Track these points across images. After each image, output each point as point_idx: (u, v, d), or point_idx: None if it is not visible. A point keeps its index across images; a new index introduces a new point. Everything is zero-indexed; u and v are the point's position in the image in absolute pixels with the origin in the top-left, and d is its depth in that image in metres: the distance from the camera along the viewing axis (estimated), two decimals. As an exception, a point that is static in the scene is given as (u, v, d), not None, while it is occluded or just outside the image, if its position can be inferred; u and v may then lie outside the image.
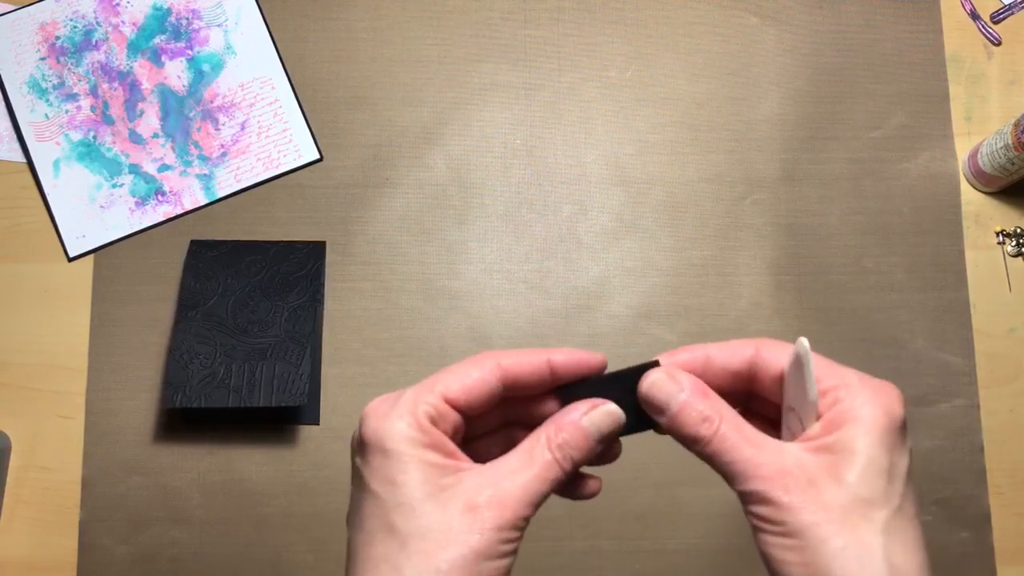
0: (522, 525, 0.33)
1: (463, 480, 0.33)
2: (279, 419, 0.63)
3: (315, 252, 0.61)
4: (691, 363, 0.36)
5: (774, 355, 0.36)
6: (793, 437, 0.35)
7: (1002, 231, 0.68)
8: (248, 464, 0.63)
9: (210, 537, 0.62)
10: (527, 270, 0.66)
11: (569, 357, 0.37)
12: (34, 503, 0.63)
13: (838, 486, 0.32)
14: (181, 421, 0.64)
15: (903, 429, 0.33)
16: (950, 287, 0.67)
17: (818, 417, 0.34)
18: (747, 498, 0.33)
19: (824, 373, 0.35)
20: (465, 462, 0.34)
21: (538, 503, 0.34)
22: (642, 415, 0.36)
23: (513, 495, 0.33)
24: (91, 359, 0.65)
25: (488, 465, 0.34)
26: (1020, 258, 0.67)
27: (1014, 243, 0.67)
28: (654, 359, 0.36)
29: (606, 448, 0.37)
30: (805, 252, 0.67)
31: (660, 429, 0.36)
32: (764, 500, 0.32)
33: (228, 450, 0.63)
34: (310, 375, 0.58)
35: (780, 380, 0.36)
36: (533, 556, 0.62)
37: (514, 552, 0.33)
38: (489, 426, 0.38)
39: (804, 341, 0.33)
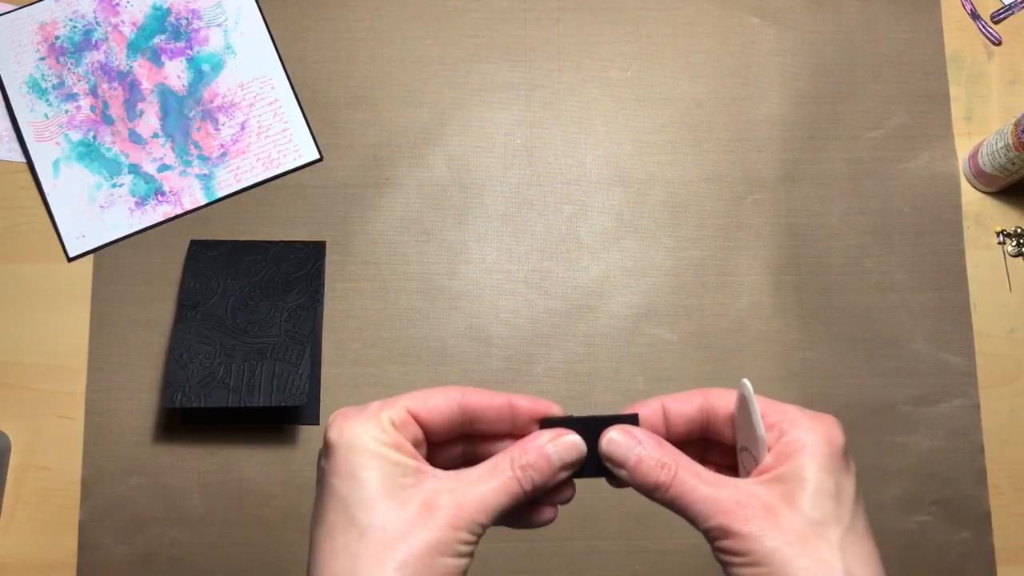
0: (478, 531, 0.35)
1: (423, 482, 0.35)
2: (279, 419, 0.63)
3: (315, 252, 0.60)
4: (652, 415, 0.39)
5: (722, 400, 0.39)
6: (748, 474, 0.37)
7: (1002, 231, 0.68)
8: (248, 464, 0.63)
9: (210, 537, 0.62)
10: (527, 270, 0.66)
11: (532, 404, 0.38)
12: (34, 503, 0.63)
13: (793, 512, 0.34)
14: (181, 421, 0.64)
15: (846, 454, 0.36)
16: (950, 287, 0.67)
17: (768, 450, 0.36)
18: (712, 534, 0.36)
19: (768, 410, 0.37)
20: (427, 467, 0.36)
21: (494, 514, 0.35)
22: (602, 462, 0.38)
23: (471, 500, 0.35)
24: (91, 359, 0.65)
25: (450, 472, 0.36)
26: (1020, 258, 0.67)
27: (1014, 243, 0.67)
28: (633, 412, 0.38)
29: (563, 484, 0.38)
30: (805, 252, 0.67)
31: (616, 481, 0.38)
32: (727, 534, 0.35)
33: (228, 450, 0.63)
34: (310, 375, 0.58)
35: (731, 422, 0.38)
36: (533, 556, 0.62)
37: (470, 555, 0.35)
38: (453, 460, 0.40)
39: (747, 383, 0.36)
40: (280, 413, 0.63)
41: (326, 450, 0.36)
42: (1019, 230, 0.68)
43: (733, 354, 0.65)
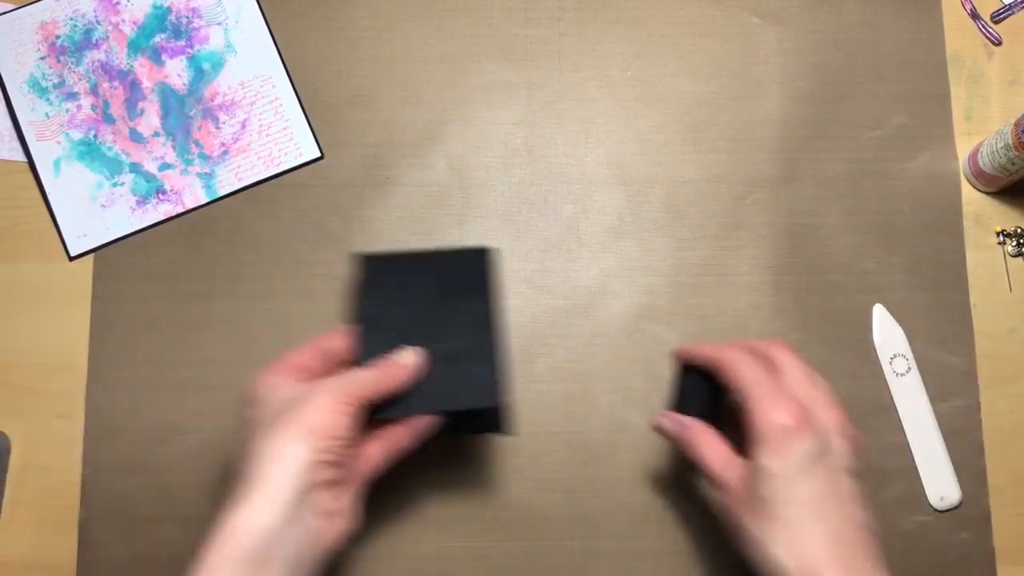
0: (356, 404, 0.48)
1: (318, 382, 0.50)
2: (474, 430, 0.61)
3: (487, 258, 0.59)
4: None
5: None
6: None
7: (1003, 231, 0.68)
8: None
9: (210, 537, 0.62)
10: (528, 269, 0.66)
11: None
12: (34, 503, 0.63)
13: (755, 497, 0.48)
14: (180, 421, 0.64)
15: (788, 435, 0.47)
16: (950, 287, 0.67)
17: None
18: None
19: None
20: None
21: (363, 397, 0.49)
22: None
23: (354, 380, 0.50)
24: (91, 359, 0.65)
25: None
26: (1021, 258, 0.67)
27: (1015, 243, 0.67)
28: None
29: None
30: (805, 252, 0.67)
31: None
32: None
33: (228, 450, 0.63)
34: (502, 380, 0.57)
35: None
36: (533, 556, 0.62)
37: (356, 430, 0.49)
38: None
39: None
40: (475, 424, 0.60)
41: (246, 400, 0.51)
42: (1019, 230, 0.68)
43: (733, 354, 0.65)
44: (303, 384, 0.49)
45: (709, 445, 0.51)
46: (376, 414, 0.53)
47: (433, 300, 0.57)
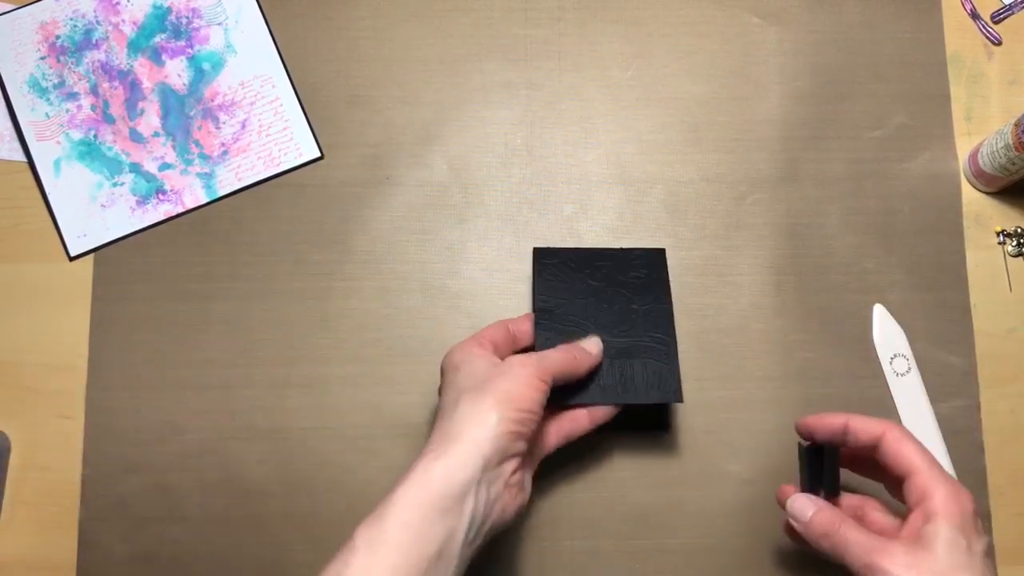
0: (548, 380, 0.52)
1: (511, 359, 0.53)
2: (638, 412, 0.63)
3: (657, 258, 0.62)
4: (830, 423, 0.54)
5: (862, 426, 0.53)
6: None
7: (1003, 231, 0.68)
8: (248, 463, 0.63)
9: (210, 536, 0.62)
10: (528, 269, 0.66)
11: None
12: (34, 503, 0.63)
13: (931, 557, 0.46)
14: (180, 421, 0.64)
15: (975, 521, 0.47)
16: (950, 287, 0.67)
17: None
18: (862, 572, 0.47)
19: (918, 464, 0.50)
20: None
21: (555, 375, 0.53)
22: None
23: (547, 358, 0.53)
24: (91, 359, 0.65)
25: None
26: (1021, 258, 0.67)
27: (1015, 243, 0.67)
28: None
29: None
30: (805, 252, 0.67)
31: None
32: (875, 570, 0.46)
33: (227, 449, 0.63)
34: (678, 374, 0.59)
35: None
36: (533, 556, 0.62)
37: (546, 394, 0.52)
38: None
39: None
40: (640, 409, 0.63)
41: (447, 366, 0.54)
42: (1019, 230, 0.68)
43: (733, 354, 0.65)
44: (497, 358, 0.53)
45: (856, 527, 0.50)
46: (561, 400, 0.56)
47: (610, 296, 0.60)
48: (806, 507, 0.52)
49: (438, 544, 0.45)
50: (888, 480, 0.53)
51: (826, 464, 0.54)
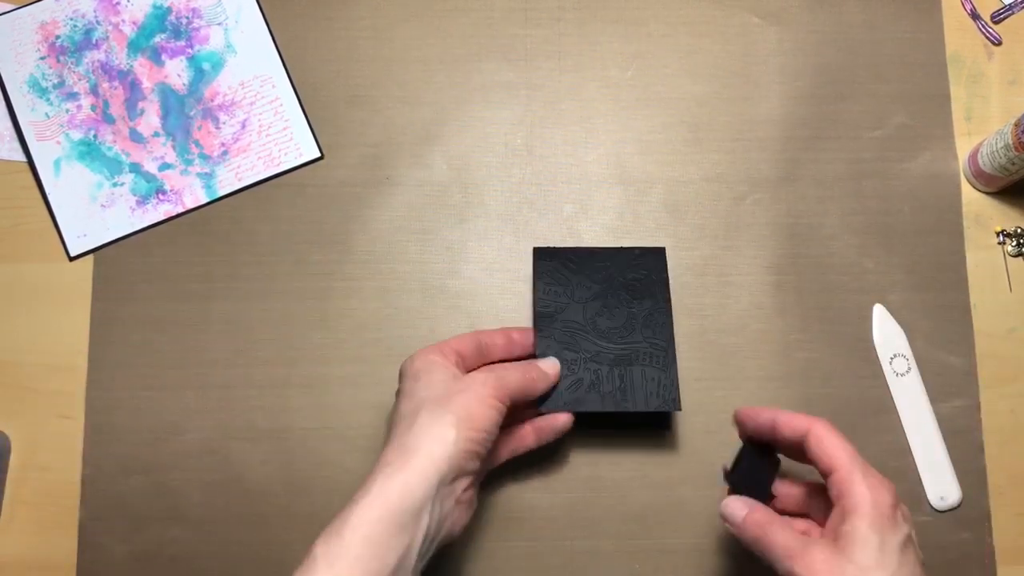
0: (507, 401, 0.53)
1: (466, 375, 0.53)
2: (635, 420, 0.63)
3: (656, 258, 0.61)
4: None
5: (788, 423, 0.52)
6: None
7: (1002, 231, 0.68)
8: (248, 463, 0.63)
9: (210, 536, 0.62)
10: (528, 269, 0.66)
11: (523, 334, 0.60)
12: (34, 503, 0.63)
13: (846, 560, 0.45)
14: (180, 421, 0.64)
15: (893, 514, 0.47)
16: (950, 287, 0.67)
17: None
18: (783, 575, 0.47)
19: (839, 460, 0.49)
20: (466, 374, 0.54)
21: (511, 396, 0.53)
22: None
23: (505, 379, 0.53)
24: (91, 359, 0.65)
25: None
26: (1020, 258, 0.67)
27: (1015, 243, 0.67)
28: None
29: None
30: (805, 252, 0.67)
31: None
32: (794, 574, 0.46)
33: (228, 449, 0.63)
34: (676, 382, 0.58)
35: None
36: (533, 556, 0.62)
37: (501, 414, 0.52)
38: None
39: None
40: (636, 416, 0.62)
41: (401, 375, 0.54)
42: (1019, 230, 0.68)
43: (733, 354, 0.65)
44: (459, 371, 0.54)
45: (781, 530, 0.50)
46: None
47: (610, 299, 0.60)
48: (738, 509, 0.51)
49: (396, 558, 0.46)
50: (822, 476, 0.52)
51: (770, 472, 0.53)
